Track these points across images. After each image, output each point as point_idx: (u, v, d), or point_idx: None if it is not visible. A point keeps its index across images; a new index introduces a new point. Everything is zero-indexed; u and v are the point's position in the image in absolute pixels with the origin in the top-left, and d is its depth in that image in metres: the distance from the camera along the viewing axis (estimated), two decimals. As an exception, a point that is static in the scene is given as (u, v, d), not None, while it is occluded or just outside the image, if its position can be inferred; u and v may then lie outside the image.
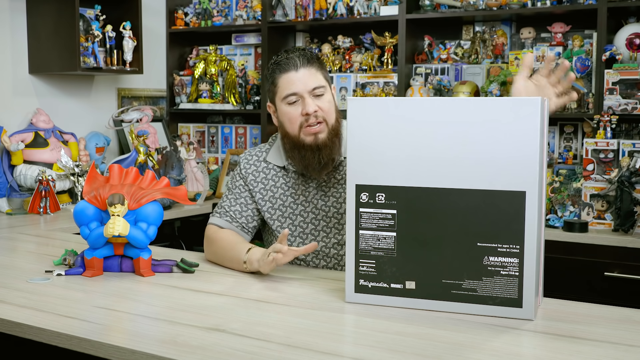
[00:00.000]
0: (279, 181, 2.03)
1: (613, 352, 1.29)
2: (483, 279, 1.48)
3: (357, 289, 1.57)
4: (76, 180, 3.19)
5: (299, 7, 3.77)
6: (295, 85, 1.90)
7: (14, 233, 2.58)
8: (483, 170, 1.46)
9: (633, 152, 2.92)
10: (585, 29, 3.31)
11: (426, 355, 1.28)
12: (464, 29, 3.66)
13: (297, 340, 1.33)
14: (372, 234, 1.54)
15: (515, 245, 1.45)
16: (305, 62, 1.91)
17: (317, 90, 1.91)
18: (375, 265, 1.55)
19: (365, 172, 1.54)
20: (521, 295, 1.46)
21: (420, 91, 3.49)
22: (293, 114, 1.91)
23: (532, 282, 1.46)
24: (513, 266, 1.46)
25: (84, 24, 3.53)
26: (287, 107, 1.92)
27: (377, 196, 1.53)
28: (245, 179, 2.05)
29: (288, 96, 1.91)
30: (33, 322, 1.45)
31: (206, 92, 4.09)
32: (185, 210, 3.37)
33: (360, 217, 1.55)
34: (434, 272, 1.51)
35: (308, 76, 1.90)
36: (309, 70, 1.91)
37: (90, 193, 1.82)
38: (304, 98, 1.90)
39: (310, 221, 2.00)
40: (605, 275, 2.77)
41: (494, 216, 1.46)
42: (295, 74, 1.90)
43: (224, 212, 2.04)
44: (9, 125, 3.30)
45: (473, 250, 1.48)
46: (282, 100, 1.93)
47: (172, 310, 1.53)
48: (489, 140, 1.45)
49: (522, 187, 1.43)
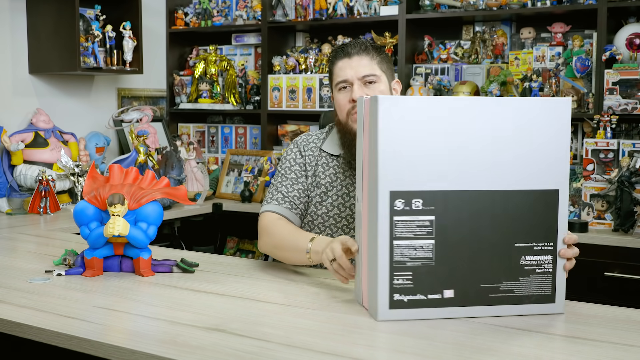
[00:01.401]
0: (330, 169, 2.02)
1: (613, 352, 1.29)
2: (520, 279, 1.49)
3: (392, 305, 1.44)
4: (76, 180, 3.19)
5: (299, 7, 3.77)
6: (345, 72, 1.93)
7: (14, 233, 2.58)
8: (518, 170, 1.47)
9: (633, 152, 2.92)
10: (585, 29, 3.31)
11: (426, 355, 1.28)
12: (464, 29, 3.66)
13: (297, 340, 1.33)
14: (408, 244, 1.43)
15: (550, 242, 1.49)
16: (359, 50, 1.94)
17: (369, 77, 1.92)
18: (412, 277, 1.44)
19: (401, 177, 1.42)
20: (554, 291, 1.50)
21: (420, 91, 3.49)
22: (342, 101, 1.95)
23: (562, 277, 1.51)
24: (547, 263, 1.50)
25: (84, 24, 3.53)
26: (338, 94, 1.96)
27: (414, 202, 1.43)
28: (305, 160, 2.03)
29: (339, 83, 1.95)
30: (33, 322, 1.45)
31: (206, 92, 4.09)
32: (185, 210, 3.37)
33: (394, 226, 1.43)
34: (472, 277, 1.46)
35: (360, 63, 1.93)
36: (362, 58, 1.93)
37: (90, 193, 1.82)
38: (353, 85, 1.92)
39: (346, 215, 1.99)
40: (605, 275, 2.76)
41: (530, 215, 1.48)
42: (348, 60, 1.93)
43: (281, 197, 1.98)
44: (9, 125, 3.30)
45: (510, 250, 1.48)
46: (335, 87, 1.97)
47: (172, 310, 1.53)
48: (521, 140, 1.47)
49: (556, 185, 1.48)
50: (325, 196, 2.00)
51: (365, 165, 1.51)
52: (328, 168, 2.02)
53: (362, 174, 1.54)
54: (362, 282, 1.55)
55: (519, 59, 3.37)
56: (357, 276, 1.58)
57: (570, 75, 3.20)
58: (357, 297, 1.59)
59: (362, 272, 1.54)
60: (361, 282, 1.55)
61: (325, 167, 2.02)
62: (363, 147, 1.53)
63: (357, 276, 1.58)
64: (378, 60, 1.96)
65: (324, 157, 2.03)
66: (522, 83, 3.29)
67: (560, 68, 3.24)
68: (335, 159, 2.03)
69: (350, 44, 1.96)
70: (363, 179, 1.53)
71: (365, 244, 1.52)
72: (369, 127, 1.47)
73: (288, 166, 2.03)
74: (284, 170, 2.03)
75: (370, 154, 1.46)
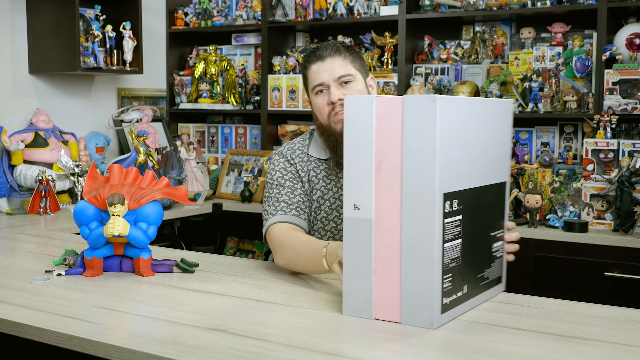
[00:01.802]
0: (320, 173, 2.01)
1: (613, 352, 1.29)
2: (491, 265, 1.62)
3: (443, 309, 1.41)
4: (76, 180, 3.19)
5: (299, 7, 3.77)
6: (321, 76, 1.93)
7: (14, 233, 2.58)
8: (494, 165, 1.61)
9: (633, 152, 2.92)
10: (585, 29, 3.31)
11: (425, 355, 1.28)
12: (464, 29, 3.66)
13: (297, 340, 1.33)
14: (450, 245, 1.41)
15: (501, 229, 1.68)
16: (331, 52, 1.94)
17: (344, 78, 1.92)
18: (452, 278, 1.43)
19: (447, 179, 1.38)
20: (502, 272, 1.70)
21: (420, 91, 3.49)
22: (321, 104, 1.95)
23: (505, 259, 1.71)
24: (501, 248, 1.68)
25: (84, 24, 3.53)
26: (315, 98, 1.96)
27: (454, 203, 1.41)
28: (295, 167, 2.00)
29: (315, 87, 1.95)
30: (33, 322, 1.44)
31: (206, 92, 4.09)
32: (185, 210, 3.37)
33: (445, 228, 1.39)
34: (474, 269, 1.54)
35: (334, 65, 1.92)
36: (335, 59, 1.93)
37: (90, 193, 1.82)
38: (329, 87, 1.92)
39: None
40: (605, 275, 2.77)
41: (497, 206, 1.65)
42: (321, 64, 1.93)
43: (285, 206, 1.92)
44: (9, 125, 3.30)
45: (488, 239, 1.61)
46: (312, 91, 1.97)
47: (172, 310, 1.53)
48: (493, 136, 1.62)
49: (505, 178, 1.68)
50: (322, 200, 2.00)
51: (395, 166, 1.40)
52: (320, 172, 2.01)
53: (382, 176, 1.41)
54: (372, 292, 1.44)
55: (519, 59, 3.37)
56: (353, 288, 1.46)
57: (570, 75, 3.20)
58: (357, 311, 1.46)
59: (371, 282, 1.43)
60: (371, 293, 1.44)
61: (317, 172, 2.01)
62: (378, 148, 1.41)
63: (355, 288, 1.46)
64: (351, 59, 1.95)
65: (312, 161, 2.02)
66: (522, 83, 3.29)
67: (560, 68, 3.24)
68: (323, 162, 2.02)
69: (321, 46, 1.96)
70: (385, 181, 1.41)
71: (394, 249, 1.41)
72: (404, 128, 1.38)
73: (280, 176, 1.99)
74: (277, 181, 1.98)
75: (408, 155, 1.38)
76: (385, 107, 1.41)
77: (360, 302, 1.45)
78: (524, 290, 2.88)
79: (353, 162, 1.44)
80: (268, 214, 1.92)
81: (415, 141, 1.37)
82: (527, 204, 3.02)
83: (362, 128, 1.42)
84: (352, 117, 1.43)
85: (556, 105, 3.23)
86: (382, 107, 1.41)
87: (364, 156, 1.43)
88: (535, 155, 3.40)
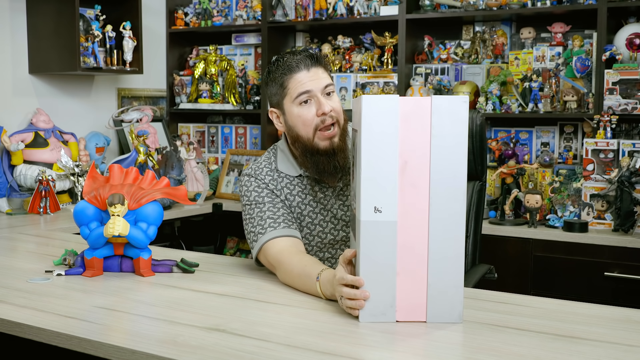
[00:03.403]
0: (295, 189, 1.89)
1: (613, 352, 1.29)
2: None
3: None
4: (76, 180, 3.19)
5: (299, 7, 3.77)
6: (307, 84, 1.80)
7: (14, 233, 2.58)
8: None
9: (633, 152, 2.92)
10: (585, 29, 3.31)
11: (426, 355, 1.28)
12: (464, 29, 3.66)
13: (297, 340, 1.33)
14: None
15: None
16: (315, 62, 1.82)
17: (328, 88, 1.82)
18: None
19: None
20: None
21: (420, 91, 3.49)
22: (307, 116, 1.80)
23: None
24: None
25: (84, 24, 3.53)
26: (300, 109, 1.81)
27: None
28: (267, 186, 1.88)
29: (300, 95, 1.80)
30: (33, 322, 1.45)
31: (206, 92, 4.09)
32: (185, 210, 3.37)
33: None
34: None
35: (319, 75, 1.82)
36: (318, 69, 1.83)
37: (90, 193, 1.82)
38: (318, 97, 1.80)
39: (329, 231, 1.90)
40: (605, 275, 2.77)
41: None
42: (307, 73, 1.80)
43: (272, 221, 1.82)
44: (9, 125, 3.30)
45: None
46: (293, 102, 1.81)
47: (172, 310, 1.53)
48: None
49: None
50: (302, 216, 1.89)
51: (421, 166, 1.41)
52: (293, 188, 1.89)
53: (407, 176, 1.41)
54: (395, 294, 1.42)
55: (519, 59, 3.37)
56: (372, 294, 1.43)
57: (570, 75, 3.20)
58: (377, 316, 1.43)
59: (394, 284, 1.42)
60: (394, 296, 1.42)
61: (290, 188, 1.90)
62: (403, 149, 1.41)
63: (376, 293, 1.43)
64: (327, 70, 1.87)
65: (284, 177, 1.90)
66: (522, 83, 3.29)
67: (560, 68, 3.24)
68: (295, 178, 1.90)
69: (299, 57, 1.82)
70: (410, 181, 1.41)
71: (421, 249, 1.42)
72: (432, 128, 1.40)
73: (257, 194, 1.87)
74: (255, 200, 1.86)
75: (437, 154, 1.40)
76: (411, 108, 1.40)
77: (381, 306, 1.43)
78: (524, 290, 2.89)
79: (373, 164, 1.40)
80: (256, 235, 1.81)
81: (446, 141, 1.39)
82: (527, 204, 3.02)
83: (385, 129, 1.40)
84: (372, 119, 1.40)
85: (556, 105, 3.23)
86: (408, 108, 1.40)
87: (388, 157, 1.40)
88: (535, 155, 3.40)
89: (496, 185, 3.30)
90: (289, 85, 1.81)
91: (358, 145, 1.44)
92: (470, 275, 2.15)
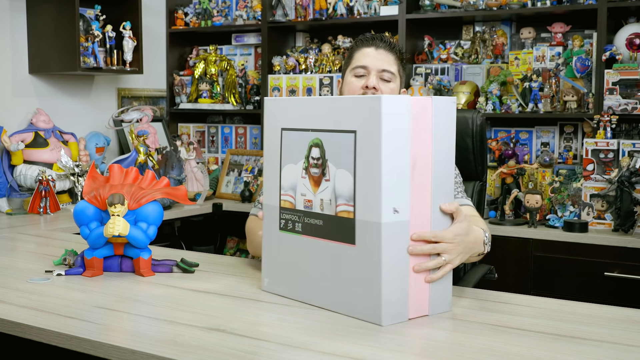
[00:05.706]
0: None
1: (613, 352, 1.28)
2: None
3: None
4: (76, 180, 3.19)
5: (299, 7, 3.77)
6: (367, 59, 1.93)
7: (14, 233, 2.58)
8: None
9: (633, 152, 2.92)
10: (585, 29, 3.31)
11: (426, 355, 1.28)
12: (464, 29, 3.67)
13: (297, 340, 1.33)
14: None
15: None
16: (387, 47, 1.94)
17: (386, 74, 1.93)
18: None
19: None
20: None
21: (420, 91, 3.49)
22: (355, 85, 1.93)
23: None
24: None
25: (84, 24, 3.53)
26: (352, 78, 1.95)
27: None
28: None
29: (357, 67, 1.93)
30: (33, 322, 1.44)
31: (206, 92, 4.09)
32: (185, 210, 3.37)
33: None
34: None
35: (384, 58, 1.93)
36: (388, 54, 1.94)
37: (90, 193, 1.82)
38: (370, 74, 1.92)
39: None
40: (605, 275, 2.77)
41: None
42: (373, 50, 1.94)
43: None
44: (9, 125, 3.30)
45: None
46: (350, 71, 1.95)
47: (172, 310, 1.53)
48: None
49: None
50: None
51: (426, 167, 1.43)
52: None
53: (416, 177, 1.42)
54: (408, 294, 1.43)
55: (519, 59, 3.37)
56: (392, 296, 1.41)
57: (570, 75, 3.20)
58: (395, 317, 1.42)
59: (407, 284, 1.43)
60: (407, 295, 1.43)
61: None
62: (414, 149, 1.41)
63: (395, 294, 1.41)
64: (398, 63, 1.98)
65: None
66: (522, 83, 3.29)
67: (560, 68, 3.24)
68: None
69: (380, 37, 1.96)
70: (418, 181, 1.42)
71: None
72: (433, 129, 1.42)
73: None
74: None
75: (438, 155, 1.44)
76: (418, 107, 1.40)
77: (398, 307, 1.42)
78: (524, 290, 2.89)
79: (392, 164, 1.37)
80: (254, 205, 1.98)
81: (444, 140, 1.44)
82: (527, 204, 3.02)
83: (401, 128, 1.38)
84: (391, 117, 1.36)
85: (556, 105, 3.23)
86: (416, 108, 1.40)
87: (403, 157, 1.39)
88: (535, 155, 3.40)
89: (496, 185, 3.30)
90: (354, 56, 1.97)
91: (367, 147, 1.38)
92: (470, 276, 2.15)
